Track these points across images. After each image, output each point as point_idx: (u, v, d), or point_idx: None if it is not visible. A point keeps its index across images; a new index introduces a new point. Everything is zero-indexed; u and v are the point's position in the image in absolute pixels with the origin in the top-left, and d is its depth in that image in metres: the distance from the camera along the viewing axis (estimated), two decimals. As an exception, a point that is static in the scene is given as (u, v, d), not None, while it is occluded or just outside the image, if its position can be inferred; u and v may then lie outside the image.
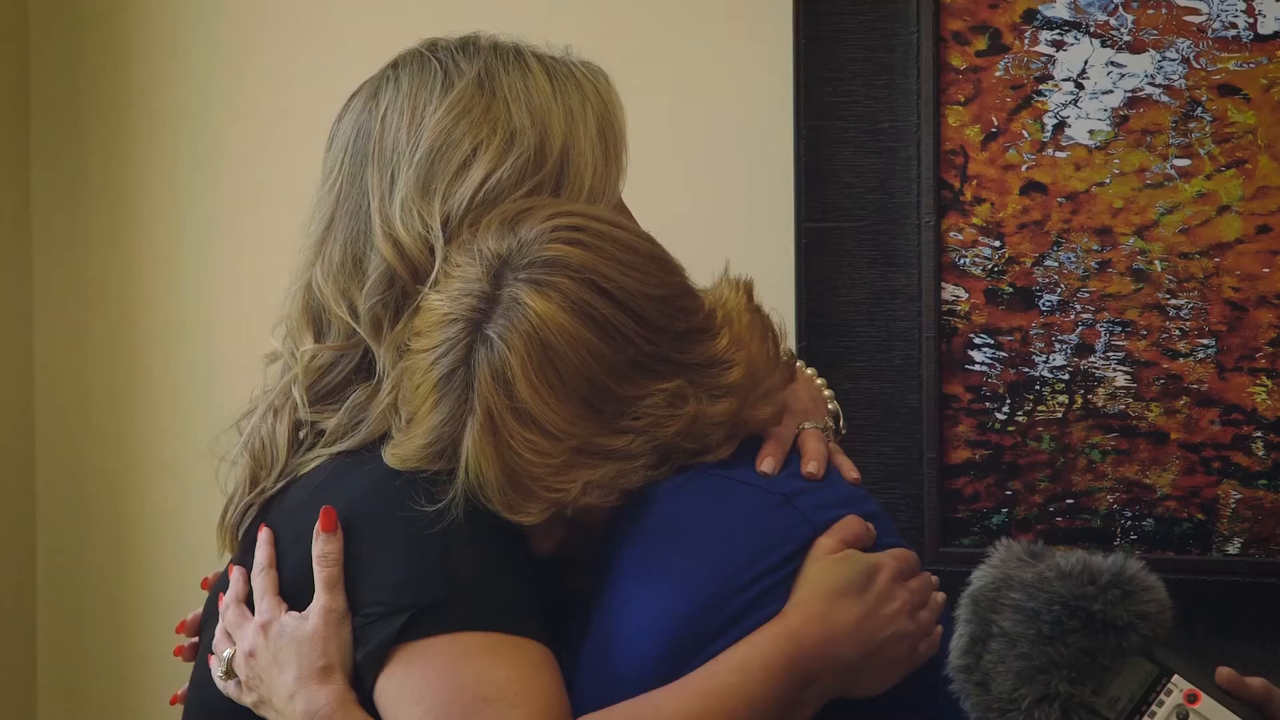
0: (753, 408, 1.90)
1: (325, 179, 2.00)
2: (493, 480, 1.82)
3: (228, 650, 1.92)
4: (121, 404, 3.04)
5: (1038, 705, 1.68)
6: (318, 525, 1.85)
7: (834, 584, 1.83)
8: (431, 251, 1.91)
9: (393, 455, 1.86)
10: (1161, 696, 1.69)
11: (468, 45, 2.00)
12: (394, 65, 2.01)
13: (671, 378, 1.84)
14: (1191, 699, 1.69)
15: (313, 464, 1.94)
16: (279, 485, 1.95)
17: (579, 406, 1.81)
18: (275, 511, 1.94)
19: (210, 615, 2.00)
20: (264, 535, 1.92)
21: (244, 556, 1.95)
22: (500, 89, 1.96)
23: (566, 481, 1.82)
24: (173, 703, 2.09)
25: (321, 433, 1.95)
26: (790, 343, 2.58)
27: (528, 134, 1.95)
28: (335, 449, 1.93)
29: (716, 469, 1.88)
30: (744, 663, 1.79)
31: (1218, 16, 2.45)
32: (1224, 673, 1.71)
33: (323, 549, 1.85)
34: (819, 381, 2.10)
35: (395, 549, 1.84)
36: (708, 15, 2.72)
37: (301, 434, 1.96)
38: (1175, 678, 1.69)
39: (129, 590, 3.05)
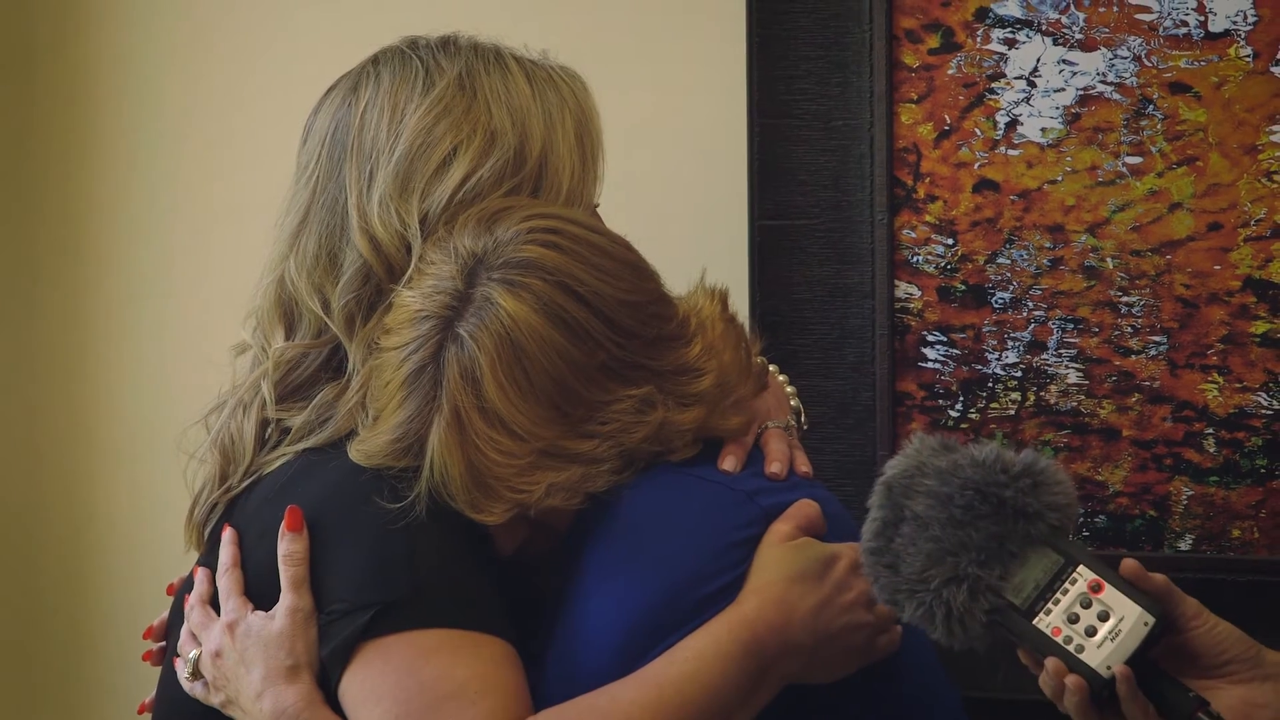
0: (722, 417, 1.91)
1: (301, 172, 2.00)
2: (457, 478, 1.82)
3: (194, 651, 1.92)
4: (76, 404, 3.03)
5: (946, 586, 1.71)
6: (283, 524, 1.86)
7: (790, 571, 1.84)
8: (408, 249, 1.91)
9: (358, 451, 1.87)
10: (1066, 585, 1.73)
11: (448, 44, 2.00)
12: (374, 61, 2.01)
13: (641, 384, 1.85)
14: (1096, 588, 1.73)
15: (278, 462, 1.94)
16: (245, 484, 1.95)
17: (546, 409, 1.82)
18: (240, 510, 1.94)
19: (177, 618, 2.00)
20: (228, 535, 1.92)
21: (209, 556, 1.95)
22: (481, 89, 1.96)
23: (531, 483, 1.82)
24: (141, 711, 2.09)
25: (287, 430, 1.95)
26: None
27: (508, 135, 1.95)
28: (301, 446, 1.93)
29: (679, 466, 1.89)
30: (699, 651, 1.80)
31: (1169, 14, 2.46)
32: (1129, 564, 1.75)
33: (288, 548, 1.85)
34: (781, 378, 2.10)
35: (359, 546, 1.84)
36: (661, 13, 2.73)
37: (268, 432, 1.96)
38: (1080, 567, 1.73)
39: (92, 595, 3.04)
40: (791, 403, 2.07)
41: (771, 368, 2.09)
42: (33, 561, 3.06)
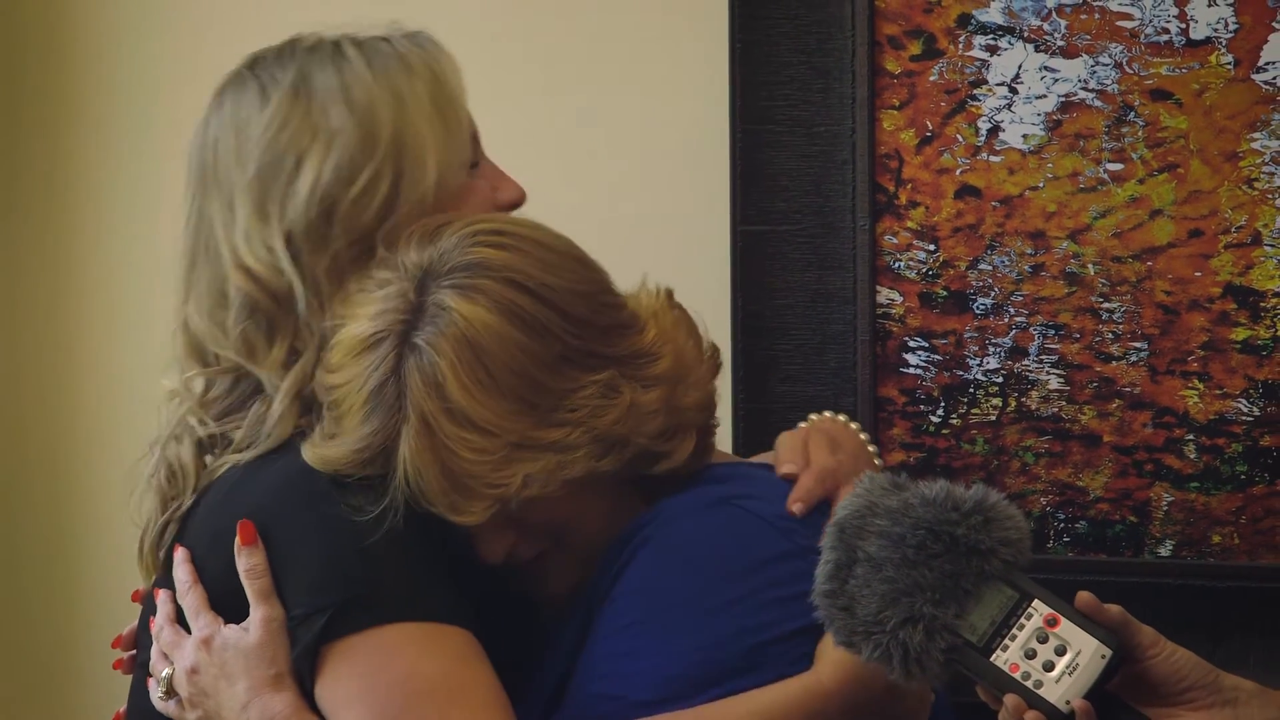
0: (683, 396, 1.92)
1: (185, 216, 2.01)
2: (433, 483, 1.83)
3: (166, 670, 1.91)
4: (60, 403, 3.03)
5: (902, 627, 1.71)
6: (238, 541, 1.86)
7: None
8: (282, 273, 1.91)
9: (315, 456, 1.87)
10: (1022, 620, 1.73)
11: (284, 53, 1.99)
12: (219, 89, 2.01)
13: (601, 370, 1.86)
14: (1051, 622, 1.72)
15: (222, 469, 1.94)
16: (193, 499, 1.96)
17: (512, 402, 1.83)
18: (189, 526, 1.95)
19: (144, 632, 2.00)
20: (180, 555, 1.92)
21: (165, 578, 1.95)
22: (317, 93, 1.95)
23: (506, 476, 1.83)
24: None
25: (231, 441, 1.95)
26: (725, 345, 2.60)
27: (347, 130, 1.93)
28: (242, 456, 1.93)
29: (739, 499, 1.90)
30: (766, 707, 1.79)
31: (1150, 22, 2.47)
32: (1084, 597, 1.74)
33: (248, 563, 1.86)
34: (853, 426, 2.07)
35: (309, 548, 1.85)
36: (644, 19, 2.73)
37: (214, 451, 1.97)
38: (1036, 602, 1.73)
39: (74, 595, 3.04)
40: (870, 447, 2.05)
41: (841, 417, 2.07)
42: (18, 561, 3.06)
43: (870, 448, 2.05)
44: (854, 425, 2.07)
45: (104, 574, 3.00)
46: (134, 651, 2.05)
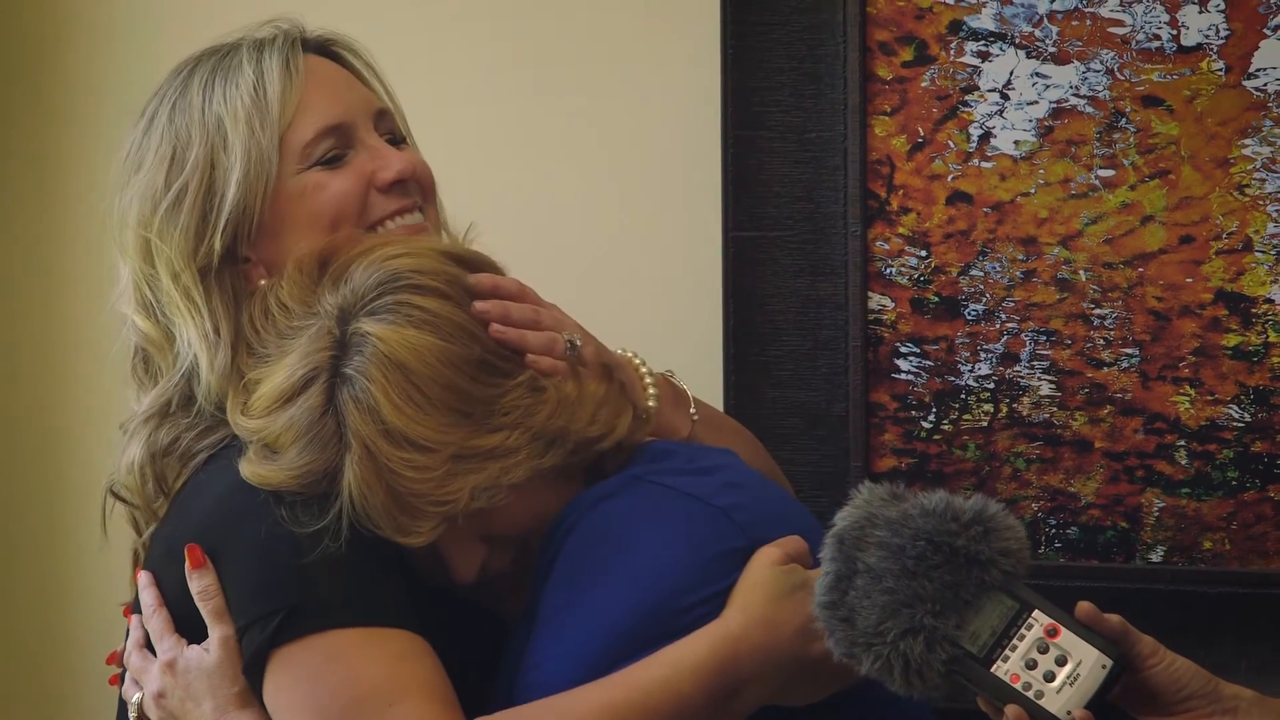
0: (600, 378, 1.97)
1: None
2: (379, 507, 1.86)
3: (136, 695, 1.93)
4: (54, 405, 3.02)
5: (903, 638, 1.72)
6: (187, 565, 1.88)
7: (778, 591, 1.84)
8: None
9: (251, 474, 1.89)
10: (1023, 630, 1.74)
11: (154, 98, 2.07)
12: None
13: (522, 370, 1.91)
14: (1052, 633, 1.74)
15: (179, 481, 1.99)
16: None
17: (445, 415, 1.87)
18: (150, 549, 1.98)
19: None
20: (143, 580, 1.96)
21: (136, 602, 1.98)
22: (154, 128, 2.04)
23: (452, 492, 1.86)
24: None
25: (185, 455, 1.98)
26: (716, 351, 2.61)
27: (159, 154, 2.01)
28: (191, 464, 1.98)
29: (653, 475, 1.92)
30: (676, 659, 1.81)
31: (1141, 28, 2.47)
32: (1084, 607, 1.76)
33: (200, 585, 1.89)
34: (644, 368, 2.10)
35: (251, 559, 1.89)
36: (636, 24, 2.73)
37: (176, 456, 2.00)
38: (1036, 612, 1.74)
39: (59, 602, 3.04)
40: (648, 385, 2.08)
41: (642, 364, 2.10)
42: (14, 562, 3.05)
43: (649, 386, 2.07)
44: (645, 368, 2.10)
45: (100, 575, 3.00)
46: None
